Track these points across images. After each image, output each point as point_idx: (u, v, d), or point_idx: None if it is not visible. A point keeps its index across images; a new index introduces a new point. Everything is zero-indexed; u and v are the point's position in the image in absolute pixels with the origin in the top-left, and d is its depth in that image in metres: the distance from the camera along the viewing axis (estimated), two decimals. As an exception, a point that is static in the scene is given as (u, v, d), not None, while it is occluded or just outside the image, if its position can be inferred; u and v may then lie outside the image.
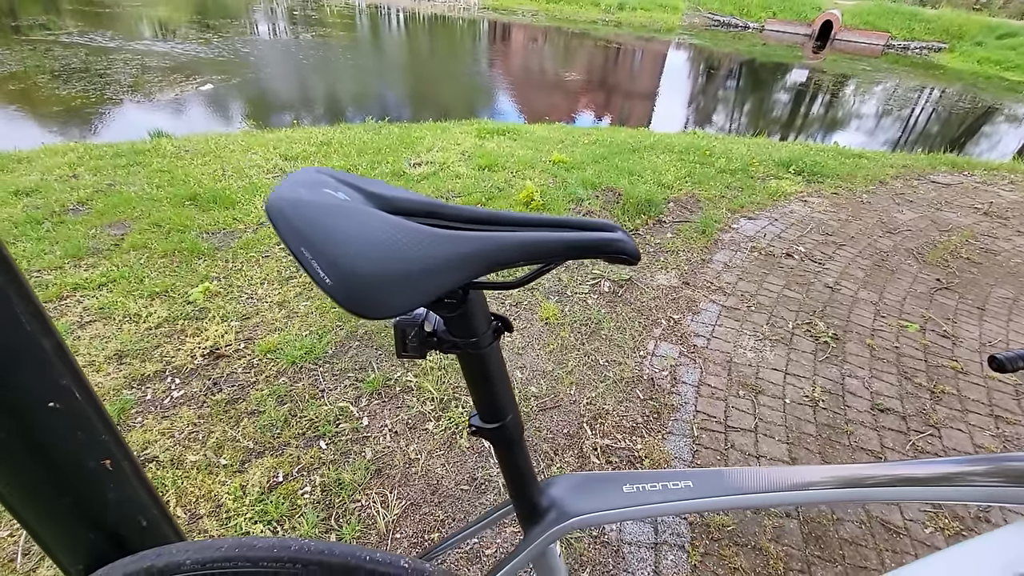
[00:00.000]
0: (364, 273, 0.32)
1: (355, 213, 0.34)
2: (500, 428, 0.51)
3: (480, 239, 0.36)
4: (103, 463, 0.59)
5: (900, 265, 2.93)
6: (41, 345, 0.48)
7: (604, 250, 0.39)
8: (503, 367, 0.49)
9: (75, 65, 8.20)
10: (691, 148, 4.57)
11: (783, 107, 11.94)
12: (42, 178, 3.02)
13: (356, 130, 4.55)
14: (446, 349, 0.45)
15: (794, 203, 3.66)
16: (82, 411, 0.56)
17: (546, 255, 0.39)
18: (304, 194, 0.35)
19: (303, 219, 0.33)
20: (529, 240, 0.38)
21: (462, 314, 0.42)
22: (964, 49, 18.59)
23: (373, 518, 1.39)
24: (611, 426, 1.74)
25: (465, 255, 0.35)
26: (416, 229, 0.35)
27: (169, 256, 2.38)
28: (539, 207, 3.11)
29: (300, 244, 0.32)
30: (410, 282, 0.33)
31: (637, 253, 0.40)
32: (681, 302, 2.42)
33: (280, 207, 0.34)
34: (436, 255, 0.34)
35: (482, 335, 0.45)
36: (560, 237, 0.39)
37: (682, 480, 0.54)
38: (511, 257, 0.37)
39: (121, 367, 1.78)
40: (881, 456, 1.71)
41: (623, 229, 0.41)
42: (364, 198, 0.38)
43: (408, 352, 0.43)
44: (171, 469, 1.45)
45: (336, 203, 0.35)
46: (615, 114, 9.89)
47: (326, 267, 0.31)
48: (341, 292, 0.31)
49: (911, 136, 10.13)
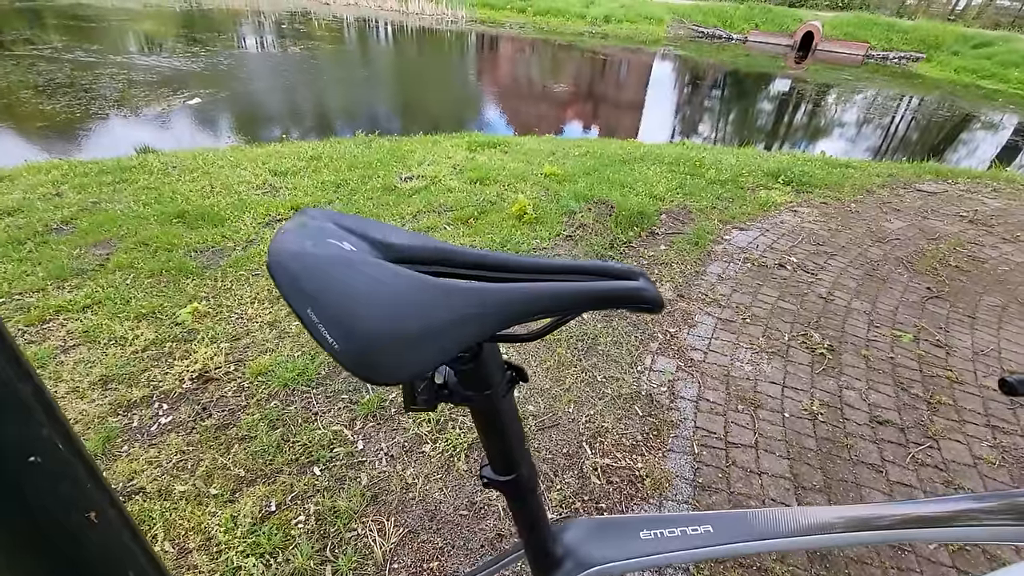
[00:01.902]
0: (376, 336, 0.30)
1: (364, 267, 0.32)
2: (514, 480, 0.49)
3: (497, 292, 0.34)
4: (88, 516, 0.56)
5: (891, 274, 2.95)
6: (18, 393, 0.45)
7: (627, 300, 0.37)
8: (517, 418, 0.47)
9: (60, 80, 8.11)
10: (681, 159, 4.61)
11: (768, 116, 12.12)
12: (24, 197, 2.95)
13: (346, 144, 4.53)
14: (458, 402, 0.42)
15: (784, 213, 3.68)
16: (66, 462, 0.53)
17: (567, 307, 0.37)
18: (309, 246, 0.33)
19: (309, 276, 0.31)
20: (549, 292, 0.36)
21: (475, 366, 0.40)
22: (941, 59, 19.05)
23: (370, 547, 1.35)
24: (611, 444, 1.72)
25: (482, 310, 0.33)
26: (430, 284, 0.33)
27: (156, 276, 2.33)
28: (532, 220, 3.10)
29: (306, 305, 0.30)
30: (425, 343, 0.31)
31: (661, 301, 0.38)
32: (677, 315, 2.41)
33: (283, 261, 0.32)
34: (452, 312, 0.32)
35: (496, 387, 0.43)
36: (581, 288, 0.37)
37: (701, 524, 0.52)
38: (530, 311, 0.35)
39: (106, 393, 1.73)
40: (882, 471, 1.70)
41: (645, 274, 0.39)
42: (370, 247, 0.35)
43: (417, 406, 0.40)
44: (159, 501, 1.40)
45: (343, 256, 0.33)
46: (603, 125, 9.97)
47: (334, 330, 0.29)
48: (351, 358, 0.29)
49: (892, 143, 10.33)
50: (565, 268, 0.39)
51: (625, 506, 1.53)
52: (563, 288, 0.36)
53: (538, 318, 0.36)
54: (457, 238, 2.87)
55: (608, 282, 0.38)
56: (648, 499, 1.55)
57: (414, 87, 11.47)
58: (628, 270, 0.39)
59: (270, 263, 0.32)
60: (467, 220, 3.09)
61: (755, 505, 1.55)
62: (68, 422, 0.54)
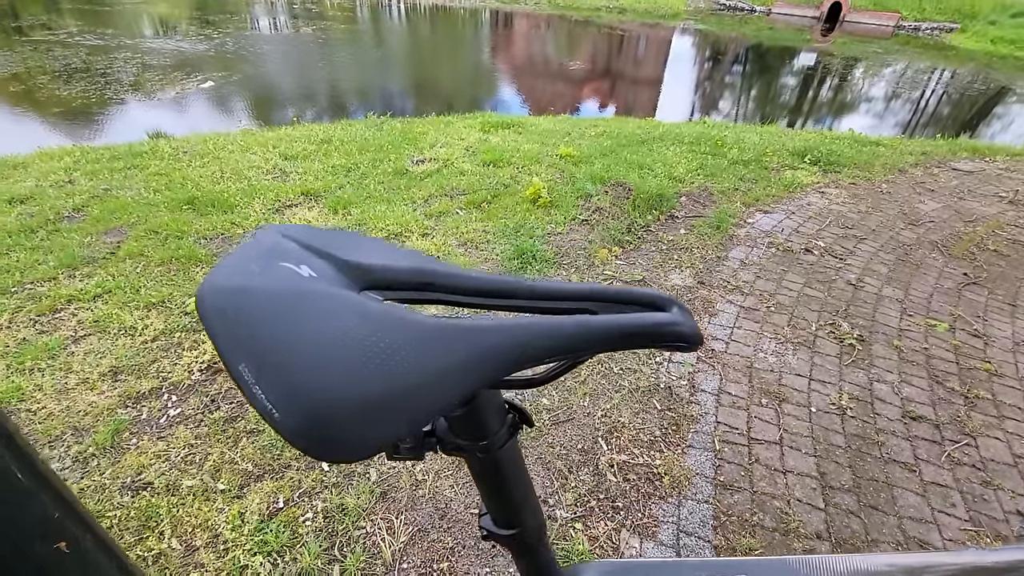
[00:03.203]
0: (331, 402, 0.22)
1: (322, 302, 0.25)
2: (518, 535, 0.42)
3: (496, 332, 0.26)
4: (58, 546, 0.51)
5: (925, 259, 2.80)
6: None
7: (659, 338, 0.29)
8: (522, 466, 0.39)
9: (76, 65, 8.13)
10: (702, 138, 4.43)
11: (792, 92, 11.68)
12: (37, 184, 2.95)
13: (357, 126, 4.45)
14: (449, 451, 0.35)
15: (811, 195, 3.52)
16: (27, 491, 0.48)
17: (584, 348, 0.29)
18: (253, 276, 0.26)
19: (247, 318, 0.24)
20: (560, 330, 0.28)
21: (469, 414, 0.33)
22: (977, 28, 18.09)
23: (378, 546, 1.31)
24: (628, 440, 1.66)
25: (478, 356, 0.26)
26: (407, 324, 0.25)
27: (166, 264, 2.31)
28: (546, 204, 3.01)
29: (240, 359, 0.23)
30: (399, 407, 0.24)
31: (698, 336, 0.30)
32: (697, 303, 2.32)
33: (215, 301, 0.25)
34: (438, 361, 0.25)
35: (494, 435, 0.35)
36: (601, 325, 0.29)
37: (735, 573, 0.46)
38: (539, 354, 0.27)
39: (116, 384, 1.71)
40: (915, 470, 1.61)
41: (680, 303, 0.31)
42: (336, 270, 0.28)
43: (401, 455, 0.33)
44: (166, 496, 1.38)
45: (296, 288, 0.25)
46: (621, 103, 9.71)
47: (275, 394, 0.22)
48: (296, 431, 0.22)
49: (924, 119, 9.88)
50: (579, 294, 0.31)
51: (642, 505, 1.47)
52: (578, 325, 0.29)
53: (548, 361, 0.29)
54: (470, 223, 2.80)
55: (634, 315, 0.30)
56: (667, 498, 1.49)
57: (427, 66, 11.28)
58: (657, 298, 0.31)
59: (199, 301, 0.25)
60: (480, 204, 3.01)
61: (779, 505, 1.48)
62: (34, 452, 0.49)
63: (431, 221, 2.82)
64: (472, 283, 0.31)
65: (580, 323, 0.28)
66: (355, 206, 2.89)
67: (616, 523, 1.41)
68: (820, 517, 1.45)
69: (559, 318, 0.28)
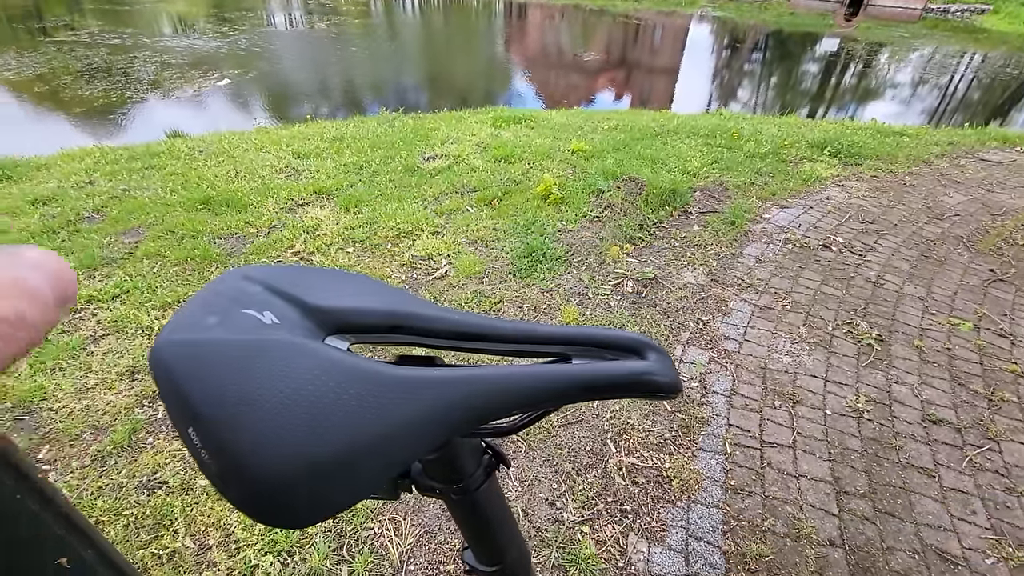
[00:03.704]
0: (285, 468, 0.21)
1: (282, 353, 0.24)
2: (499, 571, 0.41)
3: (464, 383, 0.26)
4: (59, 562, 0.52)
5: (949, 255, 2.72)
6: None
7: (632, 388, 0.28)
8: (502, 503, 0.39)
9: (98, 64, 8.30)
10: (717, 131, 4.35)
11: (813, 81, 11.38)
12: (59, 185, 3.02)
13: (369, 123, 4.46)
14: (425, 492, 0.35)
15: (830, 188, 3.43)
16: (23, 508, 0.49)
17: (553, 399, 0.28)
18: (210, 327, 0.25)
19: (198, 375, 0.23)
20: (531, 381, 0.27)
21: (442, 458, 0.32)
22: (1010, 10, 17.39)
23: (386, 547, 1.32)
24: (637, 442, 1.64)
25: (443, 409, 0.25)
26: (371, 375, 0.24)
27: (182, 264, 2.35)
28: (557, 200, 2.98)
29: (188, 421, 0.22)
30: (362, 464, 0.23)
31: (677, 385, 0.29)
32: (710, 302, 2.28)
33: (168, 357, 0.24)
34: (402, 416, 0.24)
35: (470, 477, 0.35)
36: (572, 375, 0.28)
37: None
38: (507, 405, 0.27)
39: (133, 384, 1.75)
40: (935, 475, 1.56)
41: (657, 347, 0.30)
42: (301, 315, 0.28)
43: (375, 495, 0.33)
44: (180, 495, 1.41)
45: (255, 339, 0.25)
46: (636, 94, 9.57)
47: (220, 461, 0.22)
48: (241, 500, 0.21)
49: (952, 107, 9.55)
50: (552, 337, 0.30)
51: (651, 508, 1.46)
52: (549, 375, 0.27)
53: (516, 413, 0.28)
54: (480, 220, 2.79)
55: (606, 364, 0.29)
56: (676, 502, 1.47)
57: (440, 60, 11.25)
58: (634, 342, 0.30)
59: (151, 359, 0.25)
60: (490, 201, 3.00)
61: (792, 511, 1.45)
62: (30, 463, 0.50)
63: (441, 219, 2.82)
64: (445, 324, 0.30)
65: (552, 373, 0.27)
66: (366, 204, 2.90)
67: (624, 527, 1.40)
68: (833, 523, 1.43)
69: (530, 368, 0.27)
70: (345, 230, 2.66)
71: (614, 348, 0.30)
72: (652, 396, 0.28)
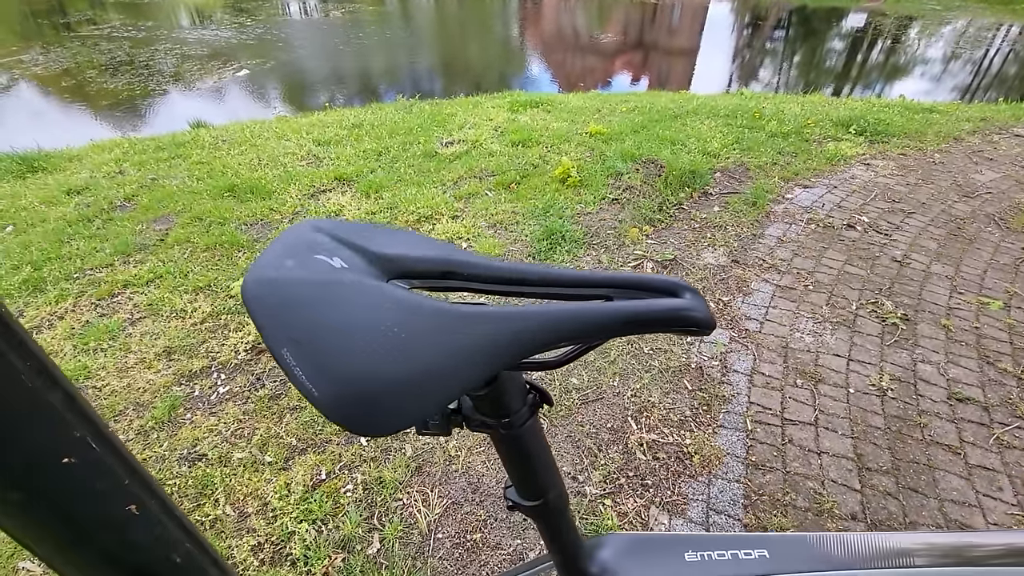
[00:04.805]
0: (364, 381, 0.25)
1: (354, 290, 0.27)
2: (541, 505, 0.44)
3: (514, 318, 0.29)
4: (128, 509, 0.57)
5: (979, 233, 2.65)
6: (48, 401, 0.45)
7: (670, 323, 0.31)
8: (543, 442, 0.42)
9: (121, 58, 8.46)
10: (738, 111, 4.27)
11: (838, 58, 11.03)
12: (91, 175, 3.12)
13: (387, 110, 4.49)
14: (475, 428, 0.38)
15: (855, 167, 3.36)
16: (100, 460, 0.53)
17: (596, 333, 0.31)
18: (290, 268, 0.28)
19: (287, 306, 0.27)
20: (574, 316, 0.30)
21: (492, 393, 0.35)
22: (1052, -22, 16.52)
23: (415, 517, 1.38)
24: (658, 419, 1.66)
25: (496, 341, 0.28)
26: (434, 310, 0.28)
27: (211, 250, 2.42)
28: (576, 183, 2.98)
29: (282, 343, 0.26)
30: (428, 384, 0.26)
31: (711, 321, 0.31)
32: (731, 282, 2.27)
33: (256, 290, 0.27)
34: (460, 345, 0.27)
35: (516, 414, 0.38)
36: (614, 311, 0.30)
37: (756, 548, 0.47)
38: (553, 339, 0.29)
39: (170, 363, 1.83)
40: (960, 452, 1.56)
41: (692, 288, 0.32)
42: (365, 262, 0.31)
43: (429, 431, 0.36)
44: (219, 467, 1.48)
45: (329, 278, 0.28)
46: (654, 76, 9.41)
47: (314, 374, 0.25)
48: (333, 407, 0.24)
49: (986, 82, 9.19)
50: (593, 281, 0.33)
51: (672, 483, 1.48)
52: (591, 311, 0.30)
53: (562, 346, 0.31)
54: (499, 204, 2.81)
55: (645, 301, 0.31)
56: (696, 476, 1.50)
57: (456, 45, 11.19)
58: (670, 284, 0.32)
59: (244, 290, 0.28)
60: (509, 185, 3.01)
61: (813, 486, 1.47)
62: (102, 422, 0.54)
63: (460, 203, 2.84)
64: (493, 271, 0.33)
65: (595, 309, 0.30)
66: (386, 190, 2.94)
67: (645, 500, 1.43)
68: (856, 498, 1.43)
69: (575, 304, 0.30)
70: (366, 215, 2.70)
71: (652, 290, 0.32)
72: (688, 331, 0.31)
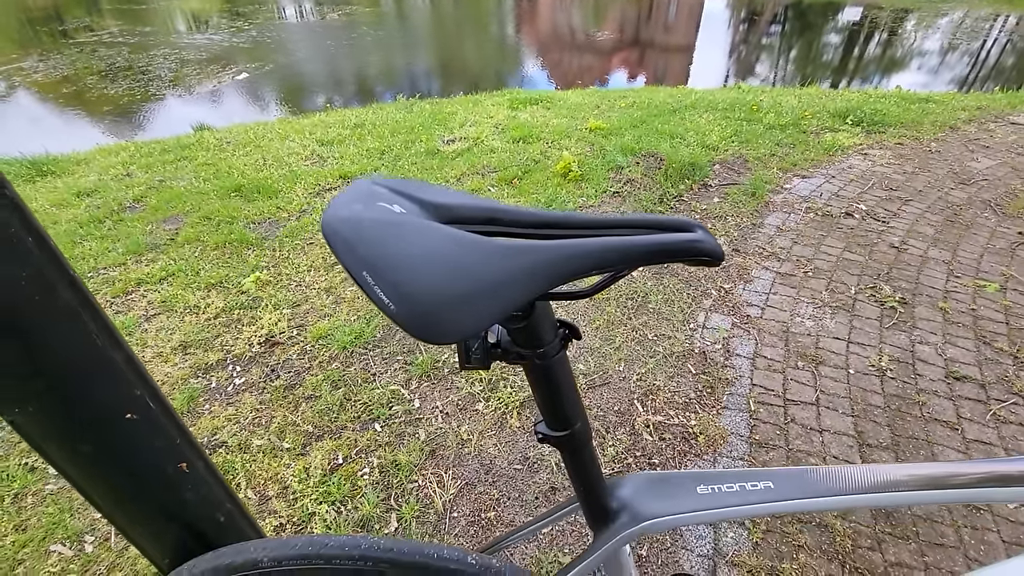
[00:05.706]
0: (430, 297, 0.30)
1: (414, 229, 0.32)
2: (568, 436, 0.49)
3: (549, 249, 0.34)
4: (180, 467, 0.62)
5: (976, 219, 2.69)
6: (113, 359, 0.49)
7: (684, 253, 0.36)
8: (571, 375, 0.47)
9: (119, 64, 8.50)
10: (736, 104, 4.32)
11: (835, 51, 11.07)
12: (99, 178, 3.16)
13: (388, 109, 4.53)
14: (512, 360, 0.43)
15: (853, 157, 3.41)
16: (157, 419, 0.58)
17: (621, 262, 0.36)
18: (360, 210, 0.33)
19: (362, 239, 0.31)
20: (601, 248, 0.35)
21: (528, 325, 0.40)
22: (1047, -32, 16.55)
23: (430, 498, 1.42)
24: (663, 402, 1.71)
25: (534, 268, 0.33)
26: (480, 243, 0.33)
27: (221, 248, 2.47)
28: (577, 177, 3.03)
29: (362, 268, 0.30)
30: (479, 302, 0.31)
31: (720, 252, 0.37)
32: (732, 270, 2.32)
33: (337, 228, 0.32)
34: (504, 271, 0.32)
35: (549, 345, 0.43)
36: (636, 242, 0.36)
37: (761, 480, 0.51)
38: (583, 267, 0.34)
39: (186, 357, 1.88)
40: (957, 428, 1.60)
41: (702, 226, 0.38)
42: (420, 209, 0.35)
43: (471, 364, 0.41)
44: (239, 453, 1.52)
45: (394, 219, 0.33)
46: (651, 72, 9.45)
47: (390, 292, 0.29)
48: (407, 318, 0.29)
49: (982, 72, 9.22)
50: (617, 223, 0.38)
51: (678, 462, 1.53)
52: (616, 243, 0.35)
53: (592, 274, 0.35)
54: (502, 199, 2.85)
55: (663, 235, 0.36)
56: (702, 455, 1.54)
57: (453, 45, 11.24)
58: (684, 222, 0.38)
59: (325, 230, 0.33)
60: (511, 180, 3.06)
61: (815, 462, 1.51)
62: (157, 384, 0.59)
63: (464, 199, 2.88)
64: (530, 217, 0.38)
65: (619, 241, 0.35)
66: (391, 187, 2.98)
67: (653, 478, 1.48)
68: (857, 473, 1.48)
69: (598, 239, 0.35)
70: (372, 212, 2.74)
71: (669, 228, 0.37)
72: (700, 261, 0.36)
